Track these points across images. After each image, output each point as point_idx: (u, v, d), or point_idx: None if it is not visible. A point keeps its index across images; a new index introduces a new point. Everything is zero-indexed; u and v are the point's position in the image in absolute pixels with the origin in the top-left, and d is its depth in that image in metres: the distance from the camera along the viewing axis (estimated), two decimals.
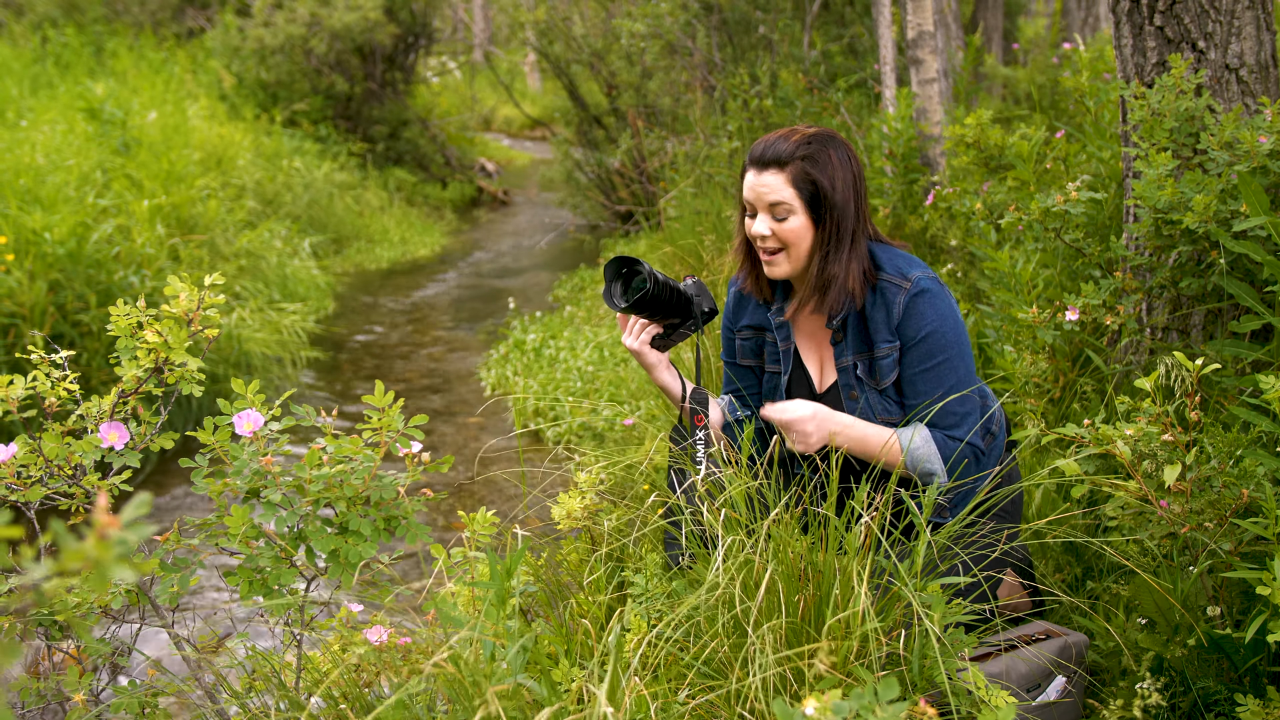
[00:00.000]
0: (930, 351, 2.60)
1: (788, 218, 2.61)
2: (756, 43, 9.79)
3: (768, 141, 2.63)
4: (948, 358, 2.62)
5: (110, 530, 0.93)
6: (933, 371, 2.61)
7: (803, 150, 2.60)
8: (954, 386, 2.62)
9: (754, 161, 2.64)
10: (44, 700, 2.31)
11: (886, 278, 2.65)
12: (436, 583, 2.51)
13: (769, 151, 2.61)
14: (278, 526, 2.14)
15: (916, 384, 2.62)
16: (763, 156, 2.62)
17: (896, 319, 2.61)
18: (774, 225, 2.62)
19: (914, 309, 2.61)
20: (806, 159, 2.59)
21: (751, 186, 2.64)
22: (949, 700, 2.05)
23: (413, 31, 15.65)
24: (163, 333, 2.25)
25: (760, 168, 2.62)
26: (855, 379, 2.68)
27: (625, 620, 2.42)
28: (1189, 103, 3.16)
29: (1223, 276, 2.98)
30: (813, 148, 2.61)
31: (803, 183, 2.59)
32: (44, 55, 13.89)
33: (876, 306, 2.64)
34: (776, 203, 2.60)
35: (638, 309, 2.67)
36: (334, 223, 12.30)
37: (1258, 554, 2.36)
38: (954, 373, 2.62)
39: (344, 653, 2.41)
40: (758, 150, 2.64)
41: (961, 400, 2.62)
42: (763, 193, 2.61)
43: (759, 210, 2.64)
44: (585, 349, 7.28)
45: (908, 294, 2.61)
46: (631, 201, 11.06)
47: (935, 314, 2.61)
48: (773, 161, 2.60)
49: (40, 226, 6.92)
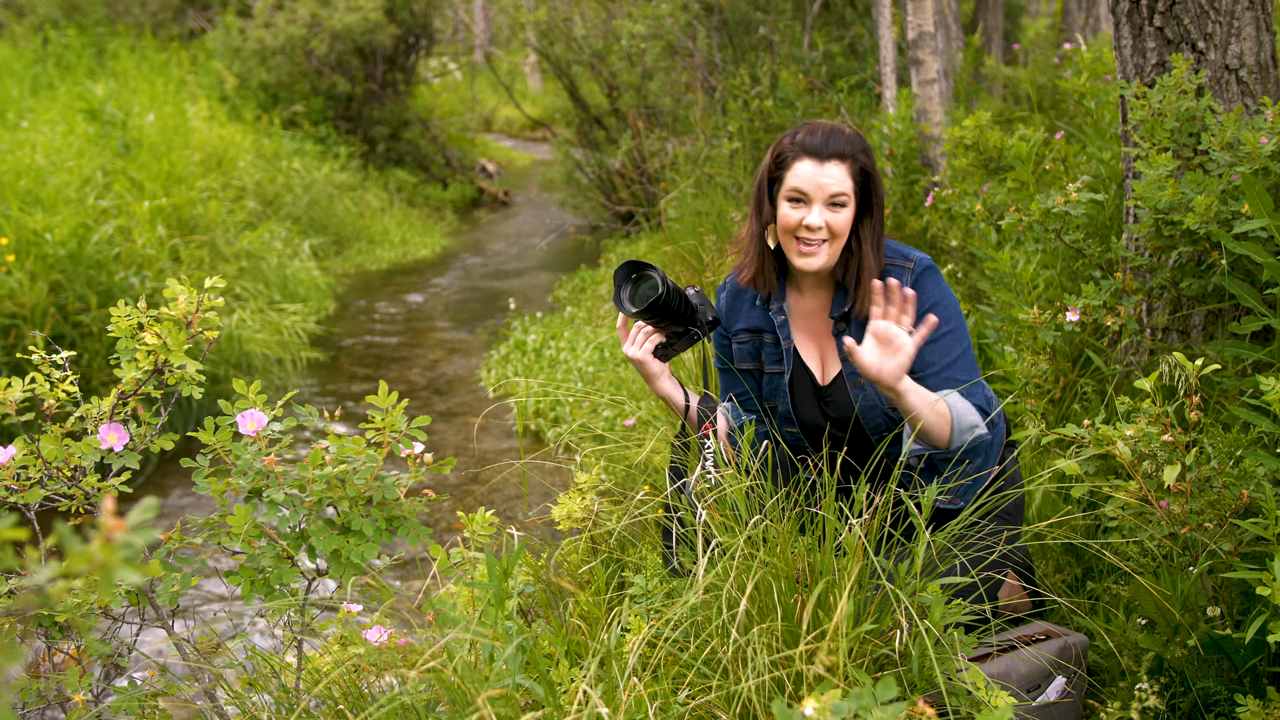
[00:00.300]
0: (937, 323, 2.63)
1: (843, 209, 2.64)
2: (757, 43, 9.80)
3: (823, 133, 2.66)
4: (953, 329, 2.67)
5: (117, 534, 0.94)
6: (940, 342, 2.65)
7: (860, 144, 2.66)
8: (961, 355, 2.67)
9: (813, 153, 2.64)
10: (44, 700, 2.31)
11: (890, 261, 2.72)
12: (434, 584, 2.51)
13: (831, 144, 2.64)
14: (280, 525, 2.15)
15: (924, 355, 2.64)
16: (824, 149, 2.64)
17: None
18: (829, 216, 2.64)
19: (921, 285, 2.68)
20: (863, 151, 2.66)
21: (812, 177, 2.63)
22: (950, 701, 2.05)
23: (413, 32, 15.66)
24: (162, 335, 2.26)
25: (822, 159, 2.63)
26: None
27: (624, 620, 2.42)
28: (1190, 103, 3.16)
29: (1224, 277, 2.98)
30: (865, 142, 2.69)
31: (859, 176, 2.65)
32: (45, 56, 13.90)
33: None
34: (838, 193, 2.63)
35: (649, 314, 2.65)
36: (335, 223, 12.30)
37: (1258, 554, 2.36)
38: (959, 343, 2.67)
39: (344, 652, 2.42)
40: (815, 142, 2.65)
41: (968, 369, 2.67)
42: (825, 183, 2.63)
43: (815, 201, 2.64)
44: (586, 350, 7.29)
45: (913, 272, 2.69)
46: (632, 202, 11.07)
47: (939, 289, 2.69)
48: (836, 154, 2.63)
49: (41, 227, 6.93)
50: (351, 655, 2.36)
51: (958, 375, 2.64)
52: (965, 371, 2.66)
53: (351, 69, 14.71)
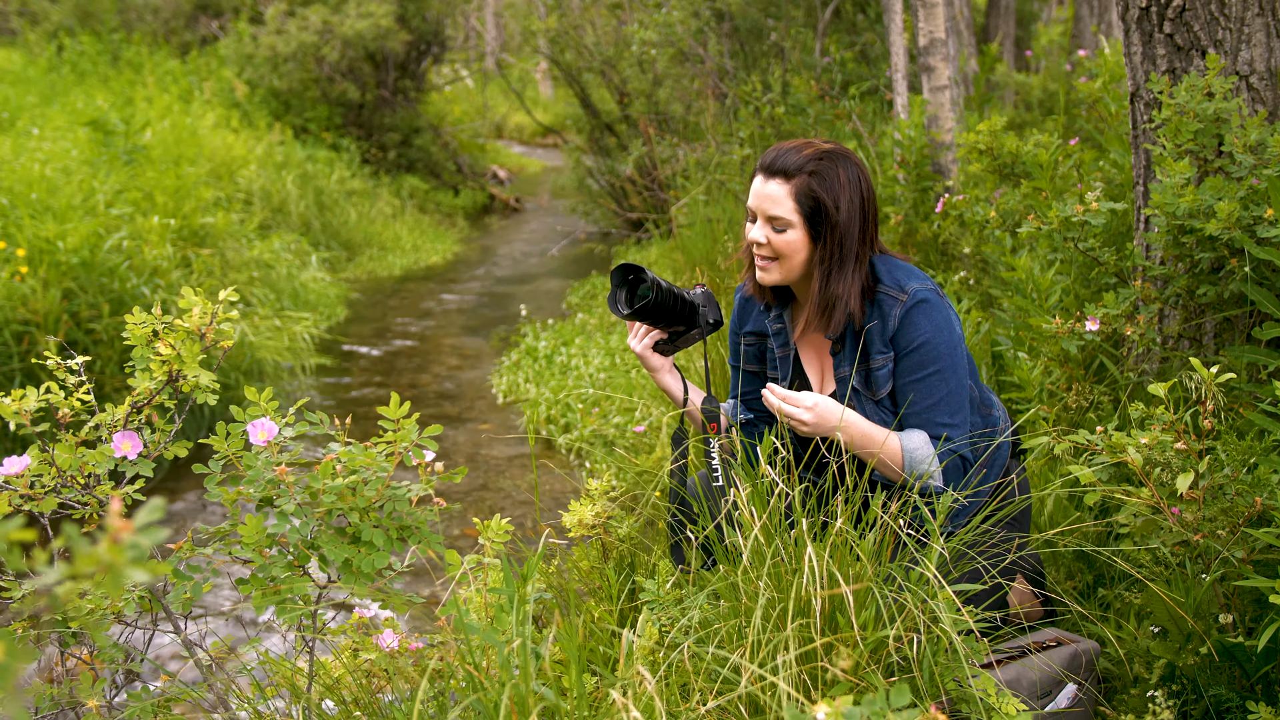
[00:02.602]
0: (922, 362, 2.61)
1: (785, 230, 2.62)
2: (768, 50, 9.80)
3: (780, 150, 2.63)
4: (939, 369, 2.62)
5: (124, 534, 0.94)
6: (924, 382, 2.62)
7: (811, 165, 2.59)
8: (944, 398, 2.62)
9: (762, 168, 2.65)
10: (58, 706, 2.32)
11: (884, 290, 2.65)
12: (442, 589, 2.52)
13: (778, 161, 2.61)
14: (291, 536, 2.15)
15: (908, 393, 2.63)
16: (771, 165, 2.63)
17: (891, 330, 2.62)
18: (770, 235, 2.64)
19: (909, 320, 2.61)
20: (814, 174, 2.59)
21: (755, 193, 2.65)
22: (961, 707, 2.05)
23: (425, 39, 15.69)
24: (176, 346, 2.27)
25: (767, 175, 2.63)
26: (852, 389, 2.69)
27: (640, 626, 2.43)
28: (1219, 104, 3.14)
29: (1244, 283, 2.97)
30: (823, 164, 2.60)
31: (805, 198, 2.59)
32: (60, 64, 13.96)
33: (873, 318, 2.65)
34: (775, 216, 2.62)
35: (640, 316, 2.74)
36: (346, 230, 12.33)
37: (1270, 562, 2.35)
38: (945, 384, 2.62)
39: (356, 658, 2.42)
40: (768, 158, 2.64)
41: (951, 411, 2.63)
42: (764, 202, 2.63)
43: (759, 217, 2.66)
44: (597, 356, 7.29)
45: (904, 306, 2.62)
46: (643, 209, 11.08)
47: (930, 325, 2.61)
48: (779, 172, 2.61)
49: (54, 235, 6.96)
50: (363, 661, 2.37)
51: (938, 419, 2.62)
52: (948, 414, 2.62)
53: (363, 76, 14.75)
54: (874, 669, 2.07)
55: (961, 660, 2.06)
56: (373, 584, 2.21)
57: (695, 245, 7.49)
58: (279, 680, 2.44)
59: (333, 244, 11.86)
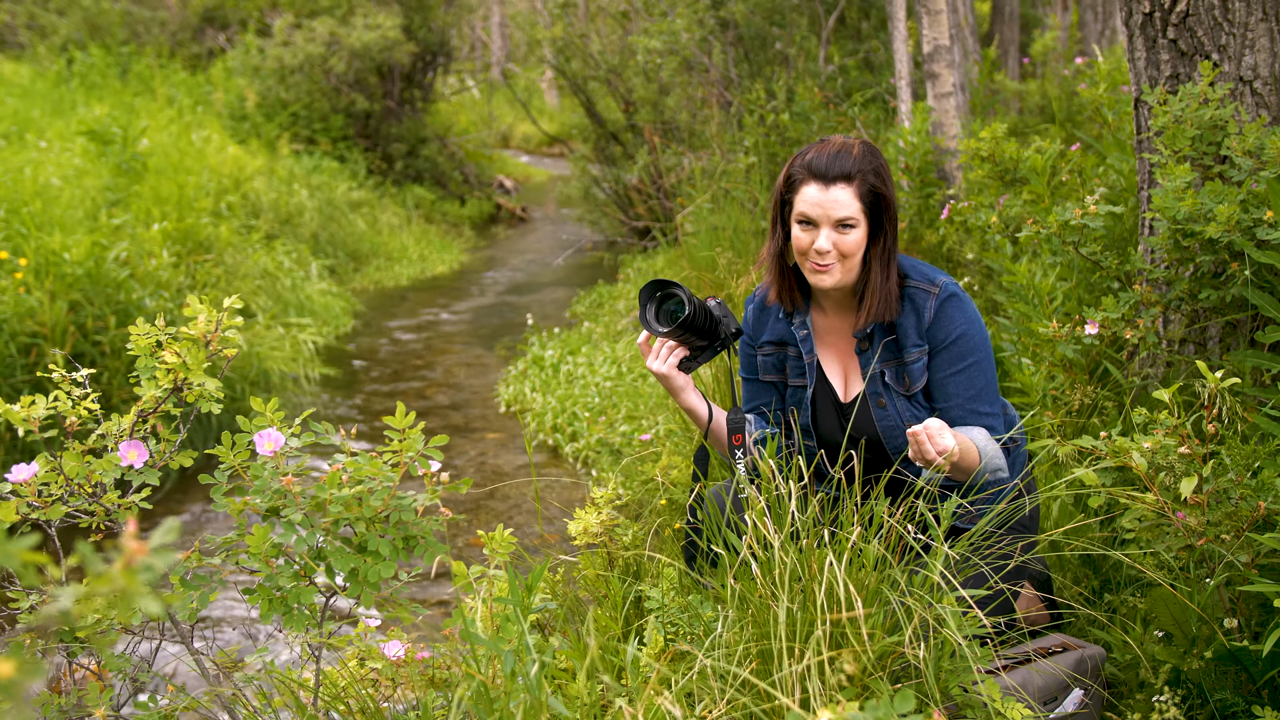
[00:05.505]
0: (962, 354, 2.63)
1: (852, 230, 2.60)
2: (772, 58, 9.81)
3: (828, 155, 2.61)
4: (978, 360, 2.64)
5: (138, 557, 0.93)
6: (964, 373, 2.64)
7: (869, 163, 2.60)
8: (984, 388, 2.65)
9: (818, 176, 2.60)
10: (66, 716, 2.33)
11: (914, 284, 2.67)
12: (454, 599, 2.53)
13: (835, 166, 2.59)
14: (297, 546, 2.16)
15: (948, 386, 2.64)
16: (829, 171, 2.59)
17: (927, 323, 2.63)
18: (837, 238, 2.60)
19: (944, 312, 2.64)
20: (873, 171, 2.60)
21: (818, 202, 2.60)
22: (966, 713, 2.05)
23: (431, 50, 15.73)
24: (181, 354, 2.28)
25: (826, 182, 2.59)
26: (884, 385, 2.69)
27: (646, 635, 2.43)
28: (1214, 110, 3.15)
29: (1244, 288, 2.98)
30: (876, 160, 2.62)
31: (868, 195, 2.60)
32: (69, 77, 14.00)
33: (906, 313, 2.66)
34: (845, 218, 2.59)
35: (679, 333, 2.65)
36: (353, 240, 12.35)
37: (1275, 566, 2.35)
38: (984, 374, 2.65)
39: (361, 667, 2.43)
40: (820, 164, 2.60)
41: (990, 402, 2.66)
42: (831, 208, 2.59)
43: (823, 225, 2.61)
44: (603, 365, 7.30)
45: (937, 299, 2.64)
46: (649, 217, 11.08)
47: (964, 317, 2.65)
48: (841, 177, 2.58)
49: (59, 247, 6.99)
50: (369, 670, 2.37)
51: (980, 408, 2.63)
52: (988, 404, 2.64)
53: (370, 87, 14.78)
54: (880, 674, 2.07)
55: (970, 665, 2.06)
56: (379, 594, 2.22)
57: (702, 253, 7.49)
58: (284, 690, 2.45)
59: (339, 254, 11.88)
